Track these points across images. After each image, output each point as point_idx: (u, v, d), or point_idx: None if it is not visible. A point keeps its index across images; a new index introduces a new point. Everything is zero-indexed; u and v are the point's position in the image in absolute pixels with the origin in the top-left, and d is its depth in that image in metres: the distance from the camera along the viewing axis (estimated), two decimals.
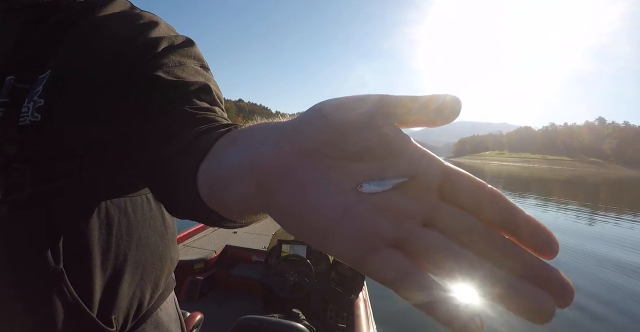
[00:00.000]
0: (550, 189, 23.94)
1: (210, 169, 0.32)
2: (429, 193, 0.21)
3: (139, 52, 0.50)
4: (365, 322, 1.92)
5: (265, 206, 0.25)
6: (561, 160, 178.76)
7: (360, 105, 0.23)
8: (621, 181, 45.97)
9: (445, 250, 0.20)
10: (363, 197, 0.21)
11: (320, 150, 0.23)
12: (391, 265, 0.19)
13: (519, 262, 0.19)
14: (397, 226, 0.20)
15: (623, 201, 18.30)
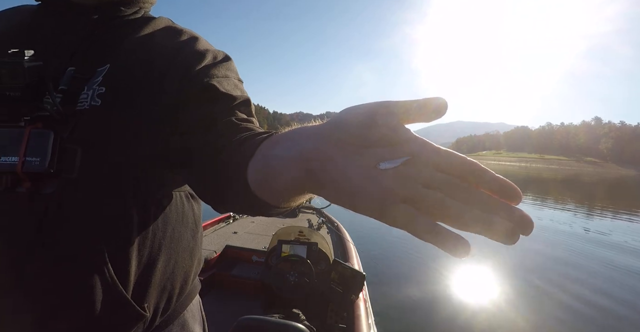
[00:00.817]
0: (547, 189, 23.99)
1: (259, 165, 0.39)
2: (426, 166, 0.28)
3: (191, 59, 0.58)
4: (365, 322, 1.93)
5: (313, 185, 0.34)
6: (558, 159, 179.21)
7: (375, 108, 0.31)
8: (617, 180, 46.13)
9: (440, 201, 0.27)
10: (382, 171, 0.29)
11: (350, 142, 0.31)
12: (404, 213, 0.27)
13: (491, 206, 0.27)
14: (406, 188, 0.28)
15: (621, 201, 18.37)
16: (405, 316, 3.43)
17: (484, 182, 0.28)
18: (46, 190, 0.49)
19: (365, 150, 0.31)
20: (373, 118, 0.31)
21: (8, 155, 0.47)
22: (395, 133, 0.31)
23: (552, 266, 5.46)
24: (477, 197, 0.28)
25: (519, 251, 6.35)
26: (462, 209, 0.27)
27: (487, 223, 0.27)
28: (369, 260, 4.15)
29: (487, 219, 0.27)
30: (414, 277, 4.52)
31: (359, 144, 0.31)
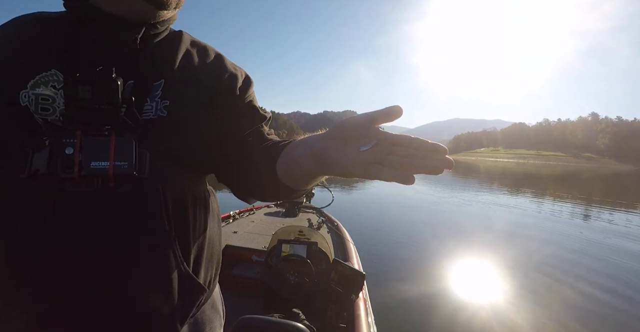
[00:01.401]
0: (545, 186, 24.05)
1: (284, 162, 0.62)
2: (387, 144, 0.47)
3: (232, 79, 0.74)
4: (365, 321, 1.92)
5: (322, 168, 0.54)
6: (555, 155, 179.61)
7: (360, 119, 0.50)
8: (615, 176, 46.26)
9: (396, 159, 0.45)
10: (362, 152, 0.48)
11: (342, 139, 0.51)
12: (375, 169, 0.45)
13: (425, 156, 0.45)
14: (375, 157, 0.46)
15: (620, 195, 18.43)
16: (405, 315, 3.43)
17: (421, 145, 0.46)
18: (123, 189, 0.56)
19: (350, 142, 0.50)
20: (355, 126, 0.50)
21: (98, 160, 0.53)
22: (368, 131, 0.49)
23: (551, 263, 5.46)
24: (417, 154, 0.45)
25: (518, 249, 6.37)
26: (408, 161, 0.45)
27: (422, 164, 0.44)
28: (369, 259, 4.15)
29: (422, 162, 0.44)
30: (414, 277, 4.51)
31: (347, 140, 0.51)
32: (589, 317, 3.71)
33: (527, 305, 3.90)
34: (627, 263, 5.69)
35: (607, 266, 5.50)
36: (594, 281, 4.80)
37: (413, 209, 10.82)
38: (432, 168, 0.44)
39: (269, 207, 3.99)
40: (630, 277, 5.03)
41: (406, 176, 0.45)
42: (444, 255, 5.62)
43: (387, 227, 7.47)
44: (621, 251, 6.42)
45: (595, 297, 4.24)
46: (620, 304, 4.08)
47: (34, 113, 0.55)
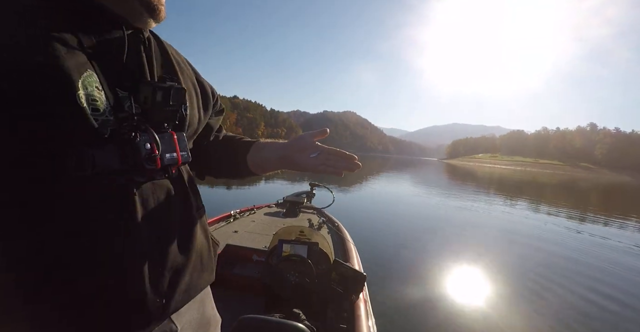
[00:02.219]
0: (542, 193, 24.13)
1: (255, 157, 0.94)
2: (325, 153, 0.84)
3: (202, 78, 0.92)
4: (365, 322, 1.92)
5: (284, 166, 0.90)
6: (552, 164, 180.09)
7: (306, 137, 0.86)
8: (612, 186, 46.43)
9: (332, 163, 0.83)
10: (312, 158, 0.85)
11: (299, 149, 0.86)
12: (322, 167, 0.83)
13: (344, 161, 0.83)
14: (321, 160, 0.84)
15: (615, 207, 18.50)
16: (405, 316, 3.43)
17: (344, 155, 0.82)
18: (174, 175, 0.70)
19: (304, 151, 0.85)
20: (306, 139, 0.85)
21: (170, 152, 0.66)
22: (314, 145, 0.84)
23: (549, 266, 5.48)
24: (340, 160, 0.82)
25: (516, 251, 6.39)
26: (336, 164, 0.82)
27: (343, 166, 0.82)
28: (370, 260, 4.14)
29: (343, 165, 0.82)
30: (415, 278, 4.52)
31: (302, 149, 0.85)
32: (586, 322, 3.72)
33: (526, 307, 3.92)
34: (622, 270, 5.72)
35: (602, 272, 5.51)
36: (591, 286, 4.82)
37: (414, 211, 10.85)
38: (348, 168, 0.82)
39: (269, 207, 3.99)
40: (625, 283, 5.05)
41: (336, 172, 0.82)
42: (444, 256, 5.64)
43: (388, 228, 7.48)
44: (616, 259, 6.45)
45: (590, 303, 4.25)
46: (614, 310, 4.10)
47: (90, 114, 0.56)
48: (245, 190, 11.96)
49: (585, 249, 7.16)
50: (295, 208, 3.83)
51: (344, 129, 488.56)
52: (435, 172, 44.60)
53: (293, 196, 4.07)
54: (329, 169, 0.82)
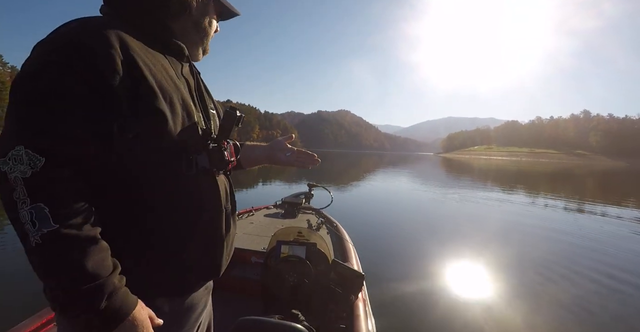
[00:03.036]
0: (538, 185, 24.20)
1: (246, 156, 1.26)
2: (295, 153, 1.25)
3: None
4: (364, 322, 1.92)
5: (269, 162, 1.29)
6: (548, 153, 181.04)
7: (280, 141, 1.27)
8: (608, 172, 46.67)
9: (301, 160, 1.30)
10: (287, 156, 1.25)
11: (278, 149, 1.27)
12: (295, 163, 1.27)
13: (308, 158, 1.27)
14: (293, 158, 1.25)
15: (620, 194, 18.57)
16: (405, 316, 3.42)
17: (307, 154, 1.26)
18: (229, 174, 1.03)
19: (281, 151, 1.25)
20: (281, 143, 1.26)
21: (232, 157, 0.97)
22: (287, 147, 1.25)
23: (547, 260, 5.46)
24: (306, 156, 1.26)
25: (514, 246, 6.40)
26: (304, 161, 1.26)
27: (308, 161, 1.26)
28: (368, 260, 4.12)
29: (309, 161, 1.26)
30: (414, 277, 4.49)
31: (280, 150, 1.25)
32: (587, 315, 3.73)
33: (526, 304, 3.91)
34: (622, 257, 5.75)
35: (603, 262, 5.53)
36: (592, 277, 4.83)
37: (412, 208, 10.86)
38: (312, 163, 1.25)
39: (268, 208, 3.97)
40: (627, 272, 5.07)
41: (305, 166, 1.25)
42: (443, 254, 5.63)
43: (387, 228, 7.46)
44: (617, 246, 6.48)
45: (592, 294, 4.26)
46: (617, 302, 4.11)
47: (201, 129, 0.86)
48: (244, 192, 11.92)
49: (588, 237, 7.20)
50: (294, 209, 3.82)
51: (339, 128, 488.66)
52: (432, 167, 44.61)
53: (291, 197, 4.06)
54: (299, 164, 1.25)
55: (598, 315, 3.72)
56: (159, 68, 0.77)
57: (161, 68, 0.79)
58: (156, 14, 0.85)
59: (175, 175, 0.80)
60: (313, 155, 1.25)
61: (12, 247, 4.88)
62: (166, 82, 0.77)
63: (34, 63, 0.65)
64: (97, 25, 0.71)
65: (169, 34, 0.88)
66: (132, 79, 0.69)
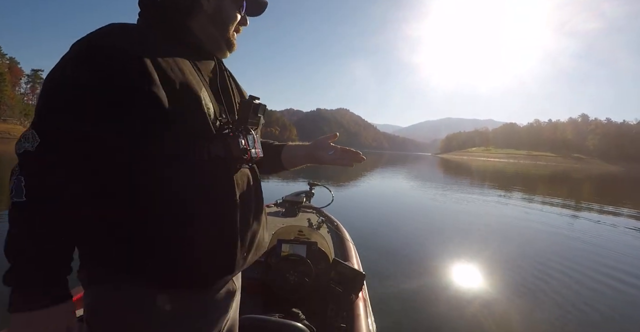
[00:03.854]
0: (535, 188, 24.24)
1: (288, 156, 1.23)
2: (339, 151, 1.16)
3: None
4: (364, 321, 1.92)
5: (310, 161, 1.22)
6: (545, 156, 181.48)
7: (323, 140, 1.18)
8: (604, 176, 46.80)
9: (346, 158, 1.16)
10: (330, 154, 1.16)
11: (320, 148, 1.18)
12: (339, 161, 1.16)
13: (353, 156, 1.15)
14: (337, 156, 1.16)
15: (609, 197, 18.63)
16: (405, 315, 3.42)
17: (351, 151, 1.15)
18: (251, 166, 1.00)
19: (323, 150, 1.16)
20: (323, 141, 1.17)
21: (254, 148, 0.95)
22: (330, 145, 1.16)
23: (546, 260, 5.47)
24: (351, 154, 1.15)
25: (513, 246, 6.42)
26: (348, 159, 1.14)
27: (353, 160, 1.14)
28: (369, 259, 4.12)
29: (353, 159, 1.14)
30: (414, 277, 4.50)
31: (322, 148, 1.17)
32: (585, 313, 3.74)
33: (525, 303, 3.92)
34: (621, 256, 5.77)
35: (602, 262, 5.54)
36: (591, 277, 4.84)
37: (412, 207, 10.88)
38: (356, 160, 1.14)
39: (268, 207, 3.95)
40: (626, 272, 5.09)
41: (349, 163, 1.14)
42: (443, 253, 5.63)
43: (387, 227, 7.46)
44: (615, 246, 6.51)
45: (591, 293, 4.27)
46: (615, 301, 4.12)
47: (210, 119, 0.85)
48: None
49: (586, 237, 7.23)
50: (295, 208, 3.80)
51: (338, 126, 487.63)
52: (430, 167, 44.73)
53: (292, 196, 4.03)
54: (343, 161, 1.14)
55: (595, 313, 3.75)
56: (170, 65, 0.80)
57: (174, 65, 0.81)
58: (171, 15, 0.90)
59: (186, 164, 0.81)
60: (358, 153, 1.15)
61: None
62: (175, 77, 0.80)
63: (60, 59, 0.76)
64: (116, 28, 0.80)
65: (185, 33, 0.92)
66: (137, 76, 0.75)
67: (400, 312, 3.47)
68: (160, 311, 0.81)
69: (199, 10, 0.92)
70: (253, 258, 0.98)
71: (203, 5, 0.92)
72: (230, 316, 1.00)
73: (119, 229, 0.78)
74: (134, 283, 0.79)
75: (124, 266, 0.79)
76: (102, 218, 0.78)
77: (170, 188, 0.80)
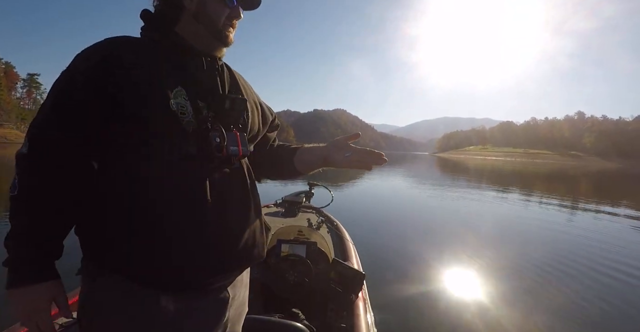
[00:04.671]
0: (533, 186, 24.29)
1: (301, 159, 1.16)
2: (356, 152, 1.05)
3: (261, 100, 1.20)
4: (364, 321, 1.92)
5: (325, 164, 1.12)
6: (542, 153, 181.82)
7: (341, 140, 1.09)
8: (602, 174, 46.95)
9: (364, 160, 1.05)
10: (347, 156, 1.06)
11: (336, 149, 1.08)
12: (356, 164, 1.05)
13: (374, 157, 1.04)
14: (354, 158, 1.05)
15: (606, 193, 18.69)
16: (405, 315, 3.42)
17: (371, 153, 1.04)
18: (235, 165, 0.95)
19: (340, 151, 1.06)
20: (341, 142, 1.07)
21: (233, 146, 0.91)
22: (347, 146, 1.06)
23: (546, 261, 5.46)
24: (371, 155, 1.03)
25: (513, 246, 6.43)
26: (367, 160, 1.03)
27: (372, 162, 1.03)
28: (369, 259, 4.09)
29: (372, 161, 1.03)
30: (414, 277, 4.49)
31: (338, 150, 1.07)
32: (584, 313, 3.75)
33: (524, 302, 3.93)
34: (619, 257, 5.78)
35: (601, 262, 5.54)
36: (590, 275, 4.84)
37: (411, 206, 10.91)
38: (376, 163, 1.02)
39: (268, 207, 3.95)
40: (624, 271, 5.09)
41: (368, 166, 1.03)
42: (443, 252, 5.63)
43: (387, 227, 7.48)
44: (613, 245, 6.52)
45: (589, 293, 4.27)
46: (613, 300, 4.12)
47: (179, 116, 0.84)
48: None
49: (584, 237, 7.25)
50: (294, 208, 3.79)
51: (335, 127, 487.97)
52: (428, 166, 44.79)
53: (292, 196, 4.03)
54: (361, 164, 1.04)
55: (593, 314, 3.74)
56: (138, 66, 0.85)
57: (145, 66, 0.85)
58: (161, 23, 0.95)
59: (155, 163, 0.83)
60: (380, 154, 1.03)
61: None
62: (140, 77, 0.84)
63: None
64: (108, 38, 0.88)
65: (173, 36, 0.94)
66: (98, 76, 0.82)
67: (400, 312, 3.47)
68: (138, 309, 0.83)
69: (184, 11, 0.94)
70: (235, 266, 0.95)
71: (186, 6, 0.94)
72: (222, 323, 0.96)
73: (95, 226, 0.85)
74: (112, 279, 0.83)
75: (103, 262, 0.84)
76: (80, 214, 0.86)
77: (138, 187, 0.82)
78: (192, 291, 0.88)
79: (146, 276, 0.82)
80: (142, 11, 0.96)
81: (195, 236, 0.84)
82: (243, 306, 1.07)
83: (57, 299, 0.85)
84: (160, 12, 0.96)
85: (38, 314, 0.81)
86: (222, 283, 0.94)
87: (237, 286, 1.01)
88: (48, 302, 0.82)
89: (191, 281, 0.86)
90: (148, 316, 0.83)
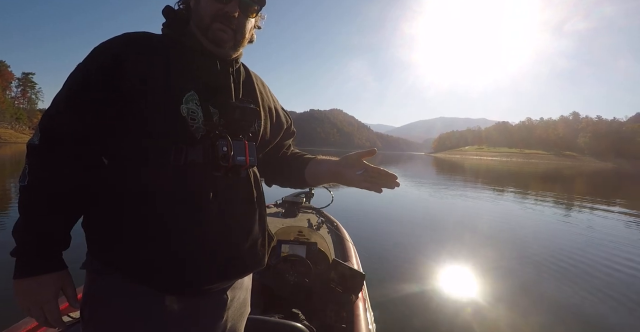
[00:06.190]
0: (529, 185, 24.38)
1: (312, 171, 1.13)
2: (369, 171, 0.96)
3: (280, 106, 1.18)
4: (364, 321, 1.92)
5: (335, 180, 1.07)
6: (537, 154, 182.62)
7: (353, 156, 0.99)
8: (596, 174, 47.20)
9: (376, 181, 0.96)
10: (358, 175, 0.97)
11: (348, 166, 1.01)
12: (366, 185, 0.96)
13: (385, 178, 0.95)
14: (365, 178, 0.96)
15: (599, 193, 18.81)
16: (404, 315, 3.43)
17: (385, 174, 0.95)
18: (243, 174, 0.93)
19: (352, 168, 0.98)
20: (353, 158, 0.99)
21: (240, 156, 0.88)
22: (360, 163, 0.97)
23: (548, 260, 5.47)
24: (384, 176, 0.94)
25: (513, 246, 6.44)
26: (379, 182, 0.94)
27: (384, 184, 0.94)
28: (369, 260, 4.10)
29: (384, 183, 0.94)
30: (414, 277, 4.49)
31: (350, 167, 0.99)
32: (584, 313, 3.76)
33: (523, 301, 3.95)
34: (617, 257, 5.82)
35: (600, 262, 5.56)
36: (590, 275, 4.86)
37: (411, 208, 10.87)
38: (388, 186, 0.93)
39: (268, 207, 3.95)
40: (617, 278, 5.12)
41: (378, 188, 0.94)
42: (443, 253, 5.62)
43: (387, 228, 7.47)
44: (611, 244, 6.55)
45: (588, 292, 4.29)
46: (609, 305, 4.14)
47: (189, 122, 0.84)
48: None
49: (582, 236, 7.28)
50: (294, 208, 3.79)
51: (331, 127, 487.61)
52: (424, 166, 44.83)
53: (292, 196, 4.03)
54: (371, 186, 0.95)
55: (588, 312, 3.78)
56: (165, 69, 0.85)
57: (168, 68, 0.86)
58: (177, 21, 0.94)
59: (158, 167, 0.83)
60: (394, 176, 0.94)
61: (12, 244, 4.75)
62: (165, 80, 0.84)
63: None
64: (125, 34, 0.89)
65: (187, 36, 0.92)
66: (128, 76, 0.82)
67: (400, 312, 3.47)
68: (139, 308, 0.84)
69: (190, 10, 0.94)
70: (234, 275, 0.95)
71: (192, 6, 0.93)
72: (221, 324, 0.96)
73: (100, 223, 0.85)
74: (115, 277, 0.84)
75: (106, 260, 0.85)
76: (87, 206, 0.87)
77: (142, 188, 0.82)
78: (192, 293, 0.88)
79: (147, 276, 0.82)
80: (165, 8, 0.95)
81: (195, 241, 0.84)
82: (244, 307, 1.07)
83: (65, 290, 0.85)
84: (179, 10, 0.95)
85: (45, 305, 0.81)
86: (222, 287, 0.95)
87: (236, 288, 1.01)
88: (55, 293, 0.83)
89: (191, 282, 0.86)
90: (148, 315, 0.84)
